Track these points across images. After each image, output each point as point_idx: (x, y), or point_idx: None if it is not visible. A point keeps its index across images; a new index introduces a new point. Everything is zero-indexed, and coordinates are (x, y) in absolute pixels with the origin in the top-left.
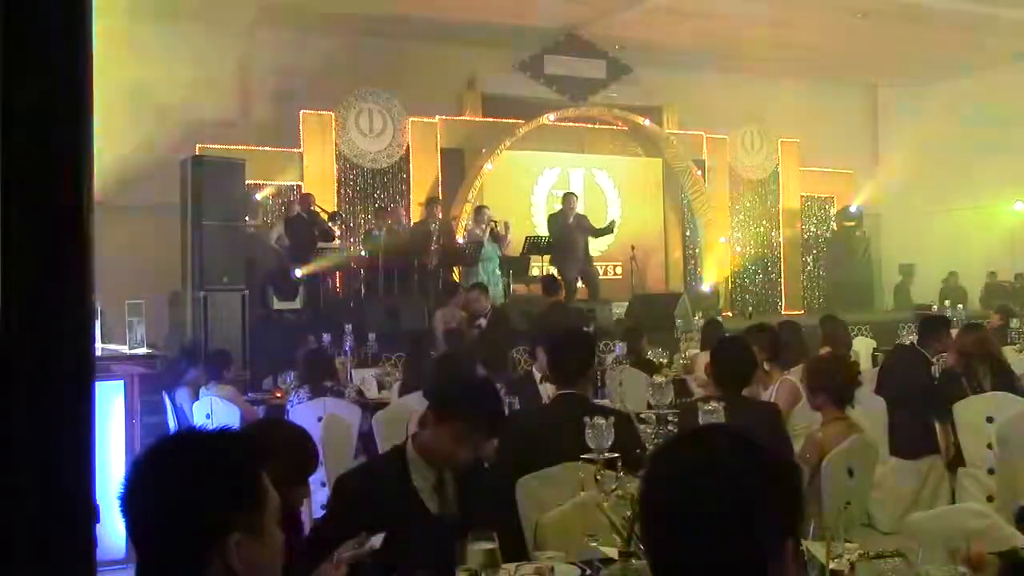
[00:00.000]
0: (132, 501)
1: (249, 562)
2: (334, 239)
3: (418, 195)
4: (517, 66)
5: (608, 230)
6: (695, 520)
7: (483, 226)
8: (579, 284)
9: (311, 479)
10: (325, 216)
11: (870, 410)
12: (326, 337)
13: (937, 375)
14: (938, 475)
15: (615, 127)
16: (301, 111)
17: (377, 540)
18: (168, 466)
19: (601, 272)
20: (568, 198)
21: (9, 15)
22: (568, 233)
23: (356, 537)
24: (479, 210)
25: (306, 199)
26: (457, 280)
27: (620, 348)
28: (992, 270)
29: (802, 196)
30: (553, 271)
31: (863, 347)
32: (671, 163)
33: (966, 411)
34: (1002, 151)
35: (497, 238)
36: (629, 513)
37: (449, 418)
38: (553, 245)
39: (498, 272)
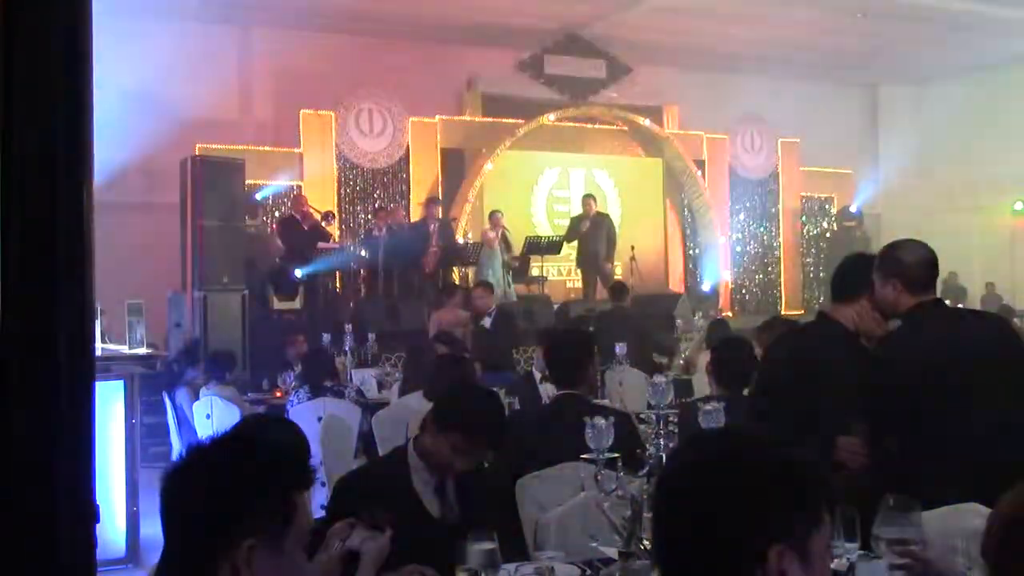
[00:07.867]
0: (171, 489)
1: (259, 571)
2: (330, 239)
3: (418, 195)
4: (517, 66)
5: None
6: (680, 520)
7: (496, 231)
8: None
9: None
10: (318, 216)
11: None
12: (326, 337)
13: None
14: None
15: (615, 127)
16: (301, 111)
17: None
18: (208, 457)
19: None
20: (585, 200)
21: (9, 15)
22: (583, 235)
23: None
24: (492, 215)
25: (298, 200)
26: (457, 281)
27: (620, 348)
28: (990, 280)
29: (802, 196)
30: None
31: None
32: (671, 163)
33: None
34: (1002, 151)
35: (506, 242)
36: (629, 513)
37: (450, 429)
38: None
39: (501, 272)
